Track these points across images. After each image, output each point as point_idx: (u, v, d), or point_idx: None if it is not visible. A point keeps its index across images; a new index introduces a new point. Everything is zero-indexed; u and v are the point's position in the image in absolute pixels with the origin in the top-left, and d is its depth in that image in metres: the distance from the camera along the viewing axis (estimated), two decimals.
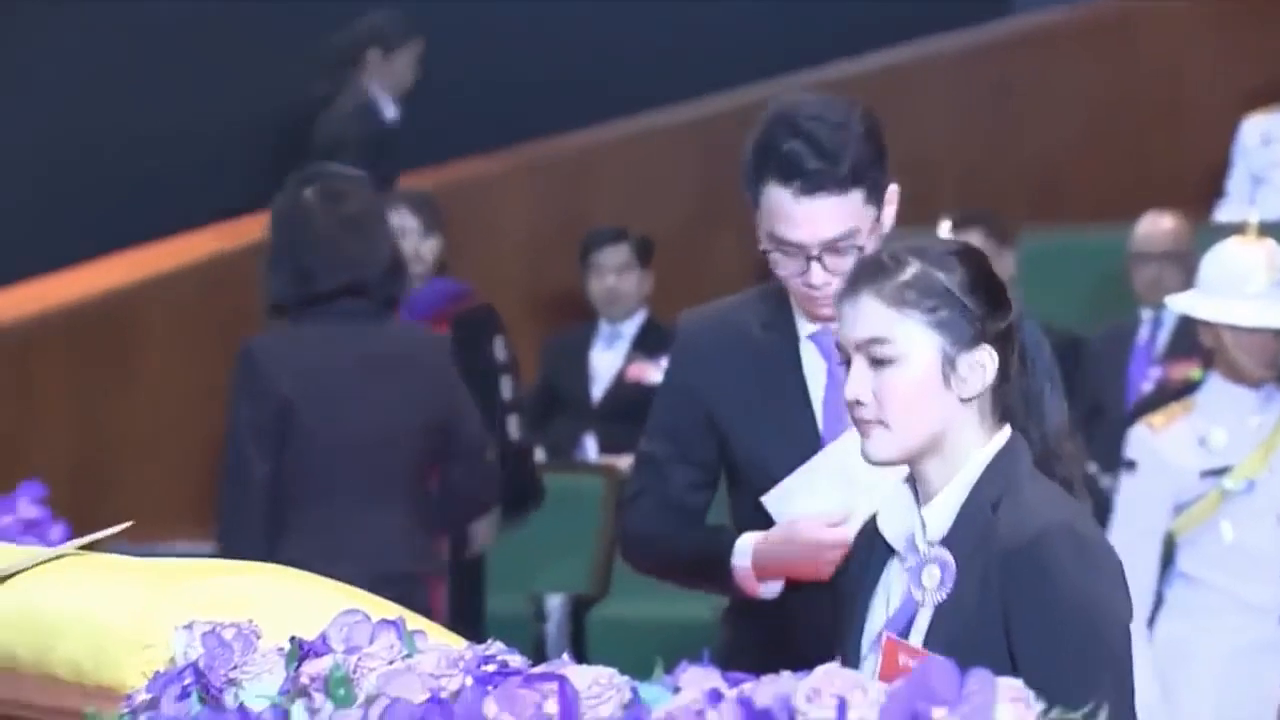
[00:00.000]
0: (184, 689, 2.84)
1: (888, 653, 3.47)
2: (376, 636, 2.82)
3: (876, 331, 3.51)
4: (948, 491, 3.55)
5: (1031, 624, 3.44)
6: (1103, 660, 3.46)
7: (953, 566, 3.49)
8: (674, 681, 2.53)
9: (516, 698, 2.54)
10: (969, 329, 3.53)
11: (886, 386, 3.51)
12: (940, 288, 3.54)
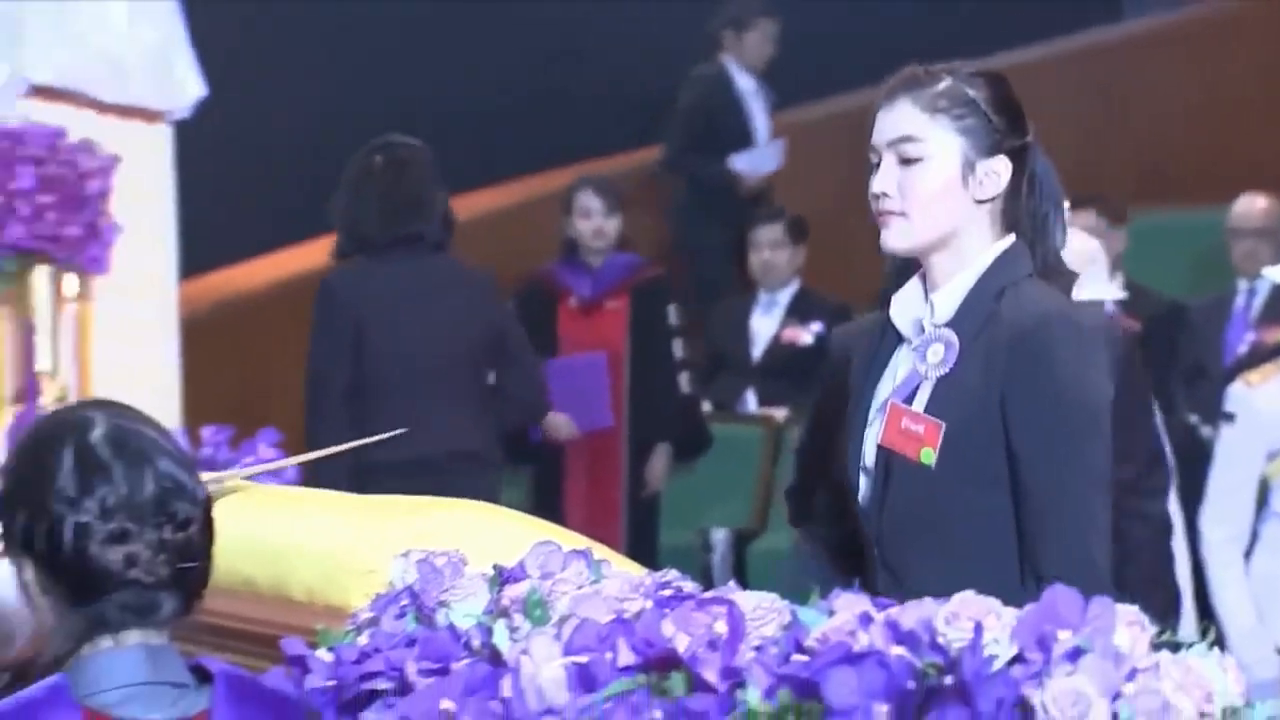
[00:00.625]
0: (401, 609, 2.85)
1: (891, 416, 3.48)
2: (568, 564, 2.81)
3: (909, 131, 3.55)
4: (956, 280, 3.56)
5: (1030, 399, 3.46)
6: (1091, 434, 3.50)
7: (956, 345, 3.50)
8: (828, 606, 2.52)
9: (690, 619, 2.52)
10: (989, 139, 3.55)
11: (911, 181, 3.54)
12: (968, 99, 3.56)
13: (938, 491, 3.49)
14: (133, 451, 2.67)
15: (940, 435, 3.44)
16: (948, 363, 3.51)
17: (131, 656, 2.66)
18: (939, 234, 3.56)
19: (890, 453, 3.51)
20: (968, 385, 3.49)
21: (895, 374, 3.60)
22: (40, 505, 2.66)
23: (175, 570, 2.64)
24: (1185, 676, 2.29)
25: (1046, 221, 3.66)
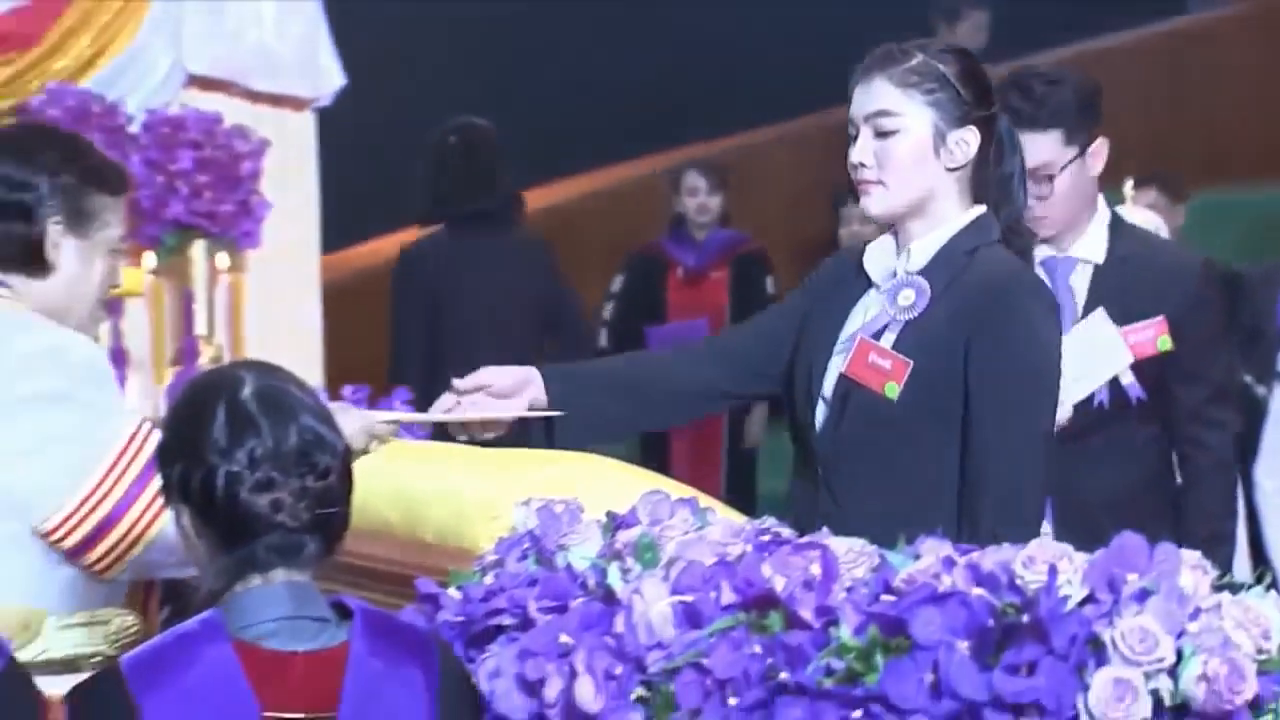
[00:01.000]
0: (523, 552, 2.85)
1: (859, 351, 3.52)
2: (675, 512, 2.81)
3: (885, 105, 3.56)
4: (931, 236, 3.59)
5: (992, 350, 3.50)
6: (1041, 390, 3.55)
7: (928, 292, 3.54)
8: (914, 550, 2.51)
9: (788, 561, 2.52)
10: (958, 111, 3.57)
11: (887, 152, 3.55)
12: (938, 74, 3.58)
13: (896, 424, 3.52)
14: (278, 407, 2.69)
15: (907, 373, 3.48)
16: (917, 307, 3.55)
17: (278, 594, 2.67)
18: (913, 199, 3.59)
19: (851, 383, 3.55)
20: (934, 331, 3.53)
21: (864, 314, 3.64)
22: (196, 456, 2.68)
23: (316, 515, 2.67)
24: (1244, 615, 2.27)
25: (1010, 184, 3.70)
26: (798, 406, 3.67)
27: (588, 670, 2.58)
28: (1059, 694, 2.22)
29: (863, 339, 3.54)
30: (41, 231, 3.37)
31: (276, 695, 2.62)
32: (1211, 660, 2.22)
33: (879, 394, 3.49)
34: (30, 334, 3.32)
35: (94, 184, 3.43)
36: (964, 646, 2.28)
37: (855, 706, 2.29)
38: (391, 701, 2.65)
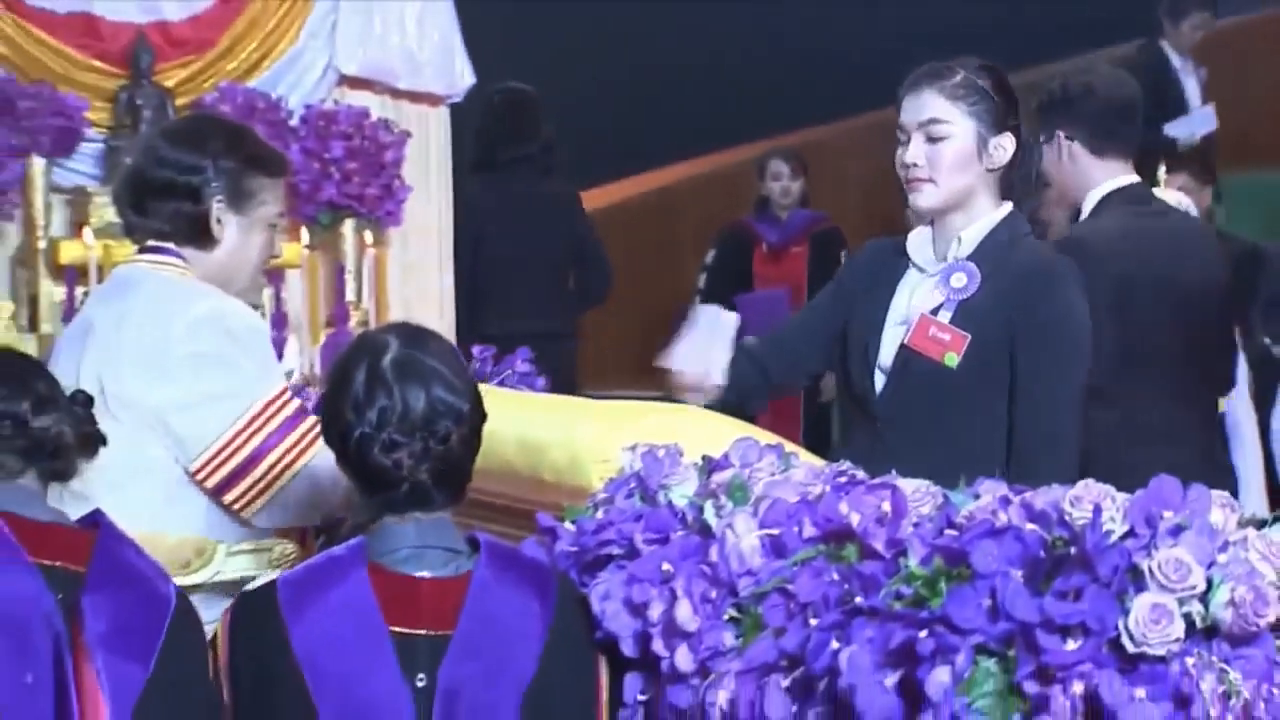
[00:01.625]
0: (630, 491, 2.84)
1: (920, 325, 3.62)
2: (763, 456, 2.79)
3: (935, 114, 3.66)
4: (974, 227, 3.69)
5: (1036, 324, 3.62)
6: (1078, 357, 3.68)
7: (978, 276, 3.63)
8: (974, 491, 2.49)
9: (862, 500, 2.50)
10: (996, 119, 3.67)
11: (938, 154, 3.65)
12: (980, 88, 3.67)
13: (953, 389, 3.60)
14: (412, 375, 2.69)
15: (965, 345, 3.57)
16: (969, 289, 3.63)
17: (413, 528, 2.69)
18: (958, 196, 3.68)
19: (912, 354, 3.63)
20: (984, 308, 3.61)
21: (909, 295, 3.72)
22: (338, 411, 2.70)
23: (437, 473, 2.67)
24: (1268, 548, 2.26)
25: (1028, 182, 3.81)
26: (854, 377, 3.75)
27: (686, 594, 2.58)
28: (1102, 617, 2.19)
29: (924, 315, 3.62)
30: (207, 209, 3.39)
31: (403, 614, 2.63)
32: (1239, 588, 2.20)
33: (939, 362, 3.58)
34: (196, 301, 3.33)
35: (253, 167, 3.45)
36: (1018, 575, 2.26)
37: (921, 627, 2.27)
38: (506, 625, 2.65)
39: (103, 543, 2.70)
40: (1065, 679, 2.18)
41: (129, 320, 3.28)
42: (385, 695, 2.59)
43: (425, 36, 7.07)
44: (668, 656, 2.58)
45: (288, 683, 2.61)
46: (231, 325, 3.33)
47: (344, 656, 2.60)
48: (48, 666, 2.58)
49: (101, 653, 2.58)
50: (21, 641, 2.57)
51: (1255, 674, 2.19)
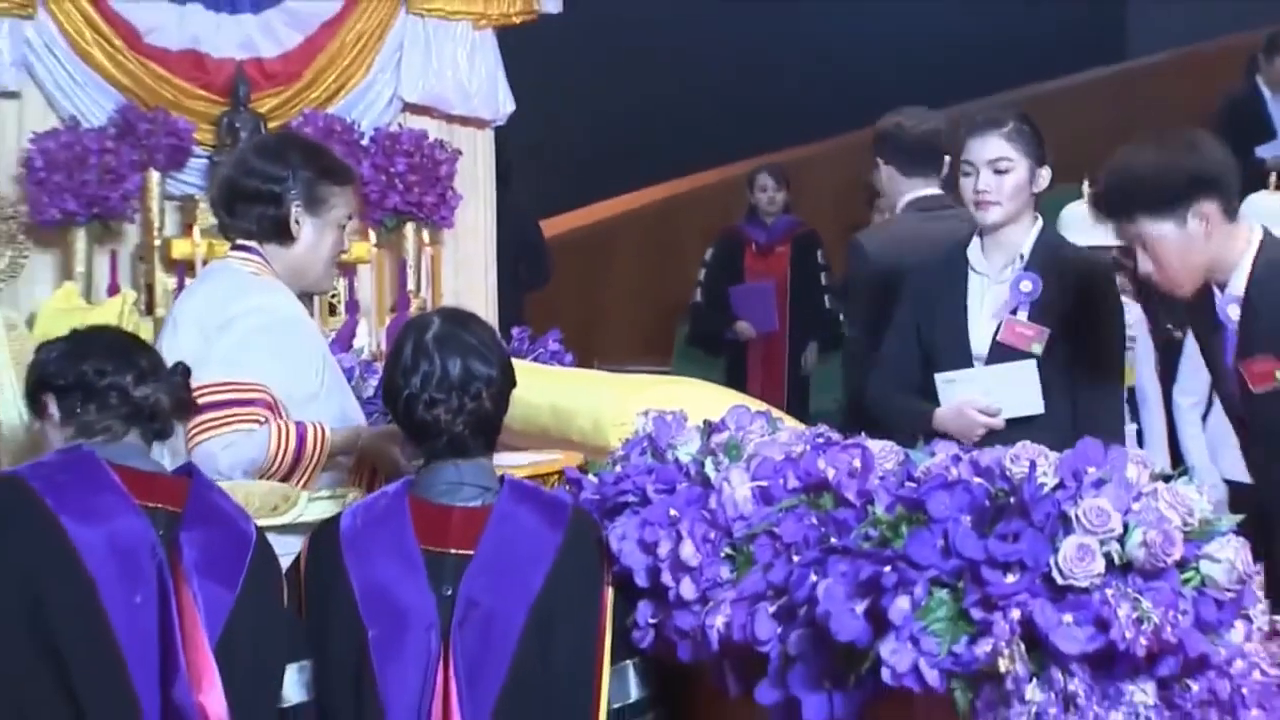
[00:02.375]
0: (643, 449, 2.84)
1: (1009, 325, 3.90)
2: (754, 421, 2.80)
3: (1000, 153, 3.93)
4: (1025, 240, 3.97)
5: (1093, 317, 3.92)
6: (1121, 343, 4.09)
7: (1040, 281, 3.91)
8: (930, 449, 2.48)
9: (837, 457, 2.50)
10: (1039, 154, 3.98)
11: (1003, 183, 3.93)
12: (1026, 132, 3.98)
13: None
14: (452, 347, 2.73)
15: (1045, 338, 3.87)
16: (1035, 292, 3.91)
17: (452, 469, 2.73)
18: (1015, 213, 3.96)
19: (1004, 347, 3.90)
20: (1050, 304, 3.90)
21: (981, 297, 3.98)
22: (392, 378, 2.76)
23: (472, 425, 2.72)
24: (1174, 498, 2.24)
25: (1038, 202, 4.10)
26: (949, 367, 3.99)
27: (689, 535, 2.58)
28: (1036, 555, 2.19)
29: (1008, 317, 3.91)
30: (286, 212, 3.39)
31: (434, 535, 2.67)
32: (1150, 531, 2.19)
33: (1027, 351, 3.88)
34: (252, 295, 3.35)
35: (326, 177, 3.45)
36: (967, 520, 2.26)
37: (886, 564, 2.26)
38: (521, 548, 2.67)
39: (195, 488, 2.73)
40: (1005, 607, 2.17)
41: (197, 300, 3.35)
42: (417, 602, 2.62)
43: (474, 71, 7.07)
44: (674, 587, 2.58)
45: (344, 600, 2.65)
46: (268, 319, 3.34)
47: (384, 570, 2.65)
48: (153, 589, 2.60)
49: (196, 578, 2.60)
50: (132, 569, 2.59)
51: (1163, 603, 2.17)
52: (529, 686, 2.61)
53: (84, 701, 2.52)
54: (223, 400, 3.23)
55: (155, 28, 6.57)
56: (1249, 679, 2.24)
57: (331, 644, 2.65)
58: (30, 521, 2.58)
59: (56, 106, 6.45)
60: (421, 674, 2.58)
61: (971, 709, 2.18)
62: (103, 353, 2.78)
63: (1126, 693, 2.18)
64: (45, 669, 2.52)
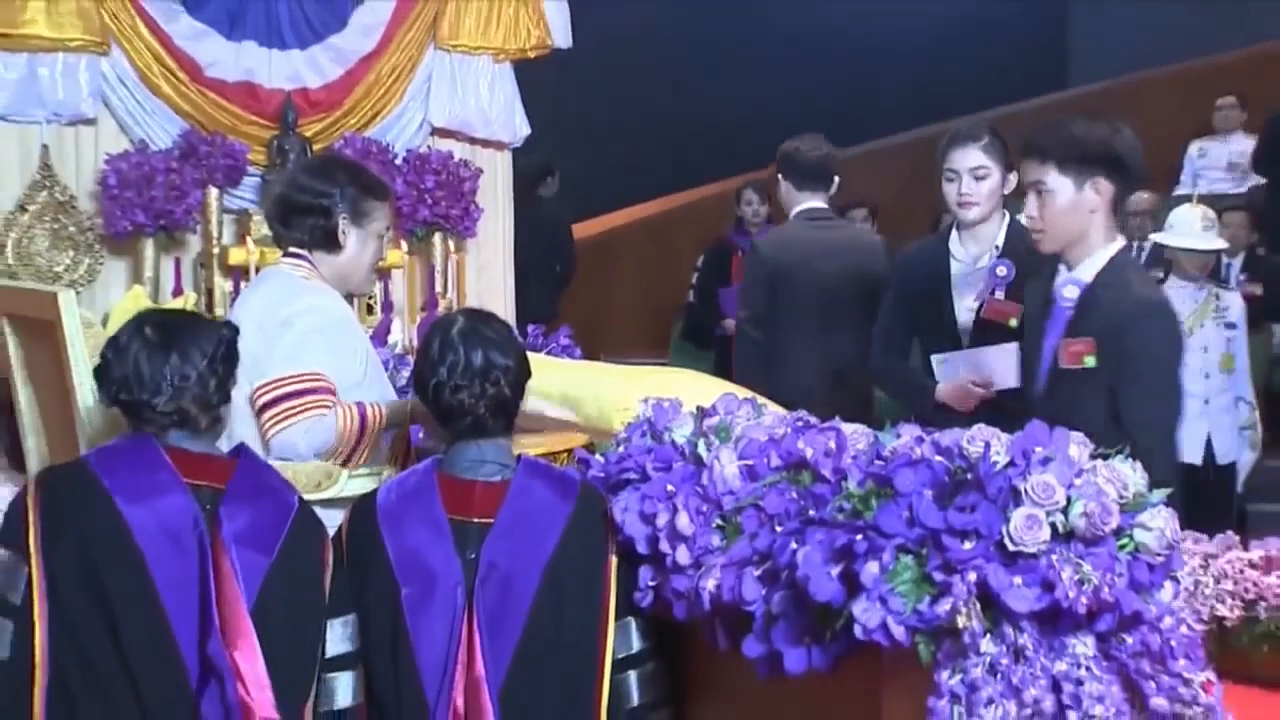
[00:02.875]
0: (643, 432, 2.83)
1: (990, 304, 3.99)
2: (741, 407, 2.78)
3: (980, 162, 4.02)
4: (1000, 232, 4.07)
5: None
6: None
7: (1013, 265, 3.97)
8: (896, 431, 2.47)
9: (815, 438, 2.48)
10: (1008, 163, 4.04)
11: (982, 187, 4.02)
12: (1000, 144, 4.07)
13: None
14: (474, 340, 2.76)
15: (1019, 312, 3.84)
16: (1009, 275, 3.97)
17: (474, 449, 2.75)
18: (990, 211, 4.06)
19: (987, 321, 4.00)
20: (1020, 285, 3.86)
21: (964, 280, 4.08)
22: (421, 368, 2.79)
23: (492, 408, 2.75)
24: (1111, 474, 2.23)
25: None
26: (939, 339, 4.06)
27: (684, 508, 2.57)
28: (990, 525, 2.18)
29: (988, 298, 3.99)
30: (334, 224, 3.38)
31: (459, 506, 2.69)
32: (1089, 503, 2.18)
33: (1007, 325, 3.90)
34: (305, 295, 3.33)
35: (367, 193, 3.44)
36: (929, 494, 2.25)
37: (858, 532, 2.25)
38: (535, 516, 2.69)
39: (241, 465, 2.73)
40: (963, 570, 2.17)
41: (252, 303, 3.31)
42: (444, 564, 2.64)
43: (494, 99, 7.06)
44: (671, 553, 2.57)
45: (382, 564, 2.66)
46: (321, 318, 3.32)
47: (416, 537, 2.66)
48: (194, 559, 2.59)
49: (235, 547, 2.59)
50: (176, 542, 2.59)
51: (1101, 566, 2.17)
52: (542, 638, 2.62)
53: (130, 655, 2.52)
54: (295, 390, 3.21)
55: (214, 62, 6.58)
56: (1177, 633, 2.23)
57: (370, 602, 2.66)
58: (89, 502, 2.58)
59: (128, 132, 6.47)
60: (449, 627, 2.59)
61: (933, 660, 2.18)
62: (129, 375, 2.71)
63: (1069, 646, 2.18)
64: (101, 626, 2.53)
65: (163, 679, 2.52)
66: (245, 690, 2.52)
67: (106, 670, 2.52)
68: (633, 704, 2.69)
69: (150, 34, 6.45)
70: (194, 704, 2.52)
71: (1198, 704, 2.21)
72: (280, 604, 2.60)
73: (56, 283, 6.11)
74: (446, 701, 2.55)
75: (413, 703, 2.58)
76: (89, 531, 2.56)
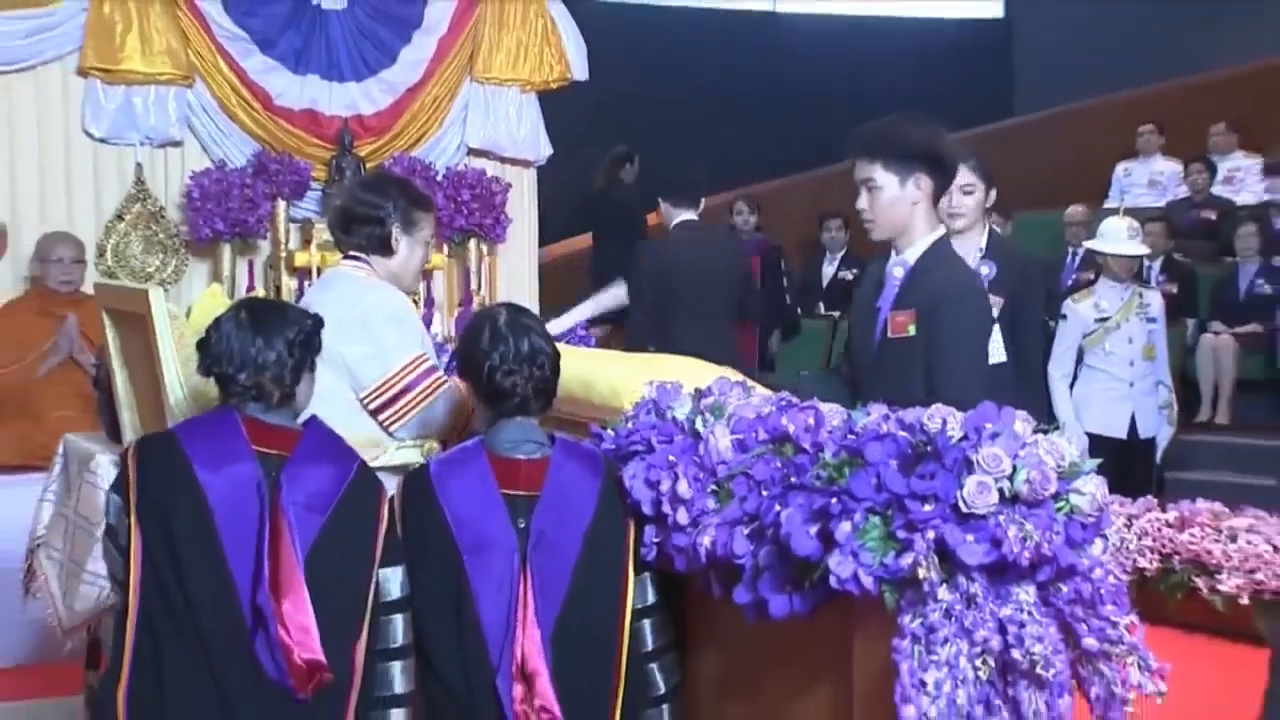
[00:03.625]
0: (648, 410, 2.81)
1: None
2: (733, 389, 2.76)
3: (967, 180, 3.85)
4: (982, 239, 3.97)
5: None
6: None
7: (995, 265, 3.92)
8: (866, 410, 2.44)
9: (796, 416, 2.46)
10: (991, 180, 3.95)
11: (968, 201, 3.92)
12: (984, 165, 3.93)
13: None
14: (519, 329, 2.72)
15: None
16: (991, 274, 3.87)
17: (516, 427, 2.71)
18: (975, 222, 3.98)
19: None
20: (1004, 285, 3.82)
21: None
22: (474, 354, 2.72)
23: (537, 390, 2.71)
24: (1050, 446, 2.21)
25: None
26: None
27: (684, 475, 2.55)
28: (947, 490, 2.16)
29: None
30: (388, 231, 3.36)
31: (508, 481, 2.64)
32: (1032, 472, 2.16)
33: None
34: (370, 294, 3.30)
35: (416, 205, 3.41)
36: (894, 464, 2.23)
37: (833, 497, 2.24)
38: (573, 489, 2.65)
39: (308, 435, 2.70)
40: (923, 529, 2.15)
41: (330, 301, 3.25)
42: (499, 534, 2.60)
43: (521, 124, 7.06)
44: (672, 514, 2.56)
45: (439, 529, 2.62)
46: (391, 309, 3.30)
47: (473, 508, 2.61)
48: (255, 518, 2.57)
49: (292, 508, 2.57)
50: (241, 503, 2.58)
51: (1041, 525, 2.15)
52: (582, 594, 2.60)
53: (195, 601, 2.53)
54: (421, 373, 3.21)
55: (282, 93, 6.59)
56: (1105, 582, 2.22)
57: (429, 562, 2.61)
58: (170, 467, 2.59)
59: (209, 152, 6.49)
60: (508, 588, 2.56)
61: (898, 606, 2.17)
62: (222, 351, 2.71)
63: (1014, 593, 2.16)
64: (174, 573, 2.54)
65: (223, 623, 2.52)
66: (287, 634, 2.51)
67: (178, 611, 2.53)
68: (648, 648, 2.68)
69: (228, 69, 6.46)
70: (249, 645, 2.52)
71: (1123, 643, 2.20)
72: (332, 557, 2.58)
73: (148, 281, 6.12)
74: (509, 655, 2.53)
75: (477, 652, 2.55)
76: (169, 492, 2.57)
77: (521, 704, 2.52)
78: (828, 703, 2.38)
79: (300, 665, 2.51)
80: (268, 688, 2.51)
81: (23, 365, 5.69)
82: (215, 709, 2.51)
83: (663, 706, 2.68)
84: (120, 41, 6.21)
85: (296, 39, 6.59)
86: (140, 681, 2.53)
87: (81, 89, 6.22)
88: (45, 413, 5.59)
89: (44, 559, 3.85)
